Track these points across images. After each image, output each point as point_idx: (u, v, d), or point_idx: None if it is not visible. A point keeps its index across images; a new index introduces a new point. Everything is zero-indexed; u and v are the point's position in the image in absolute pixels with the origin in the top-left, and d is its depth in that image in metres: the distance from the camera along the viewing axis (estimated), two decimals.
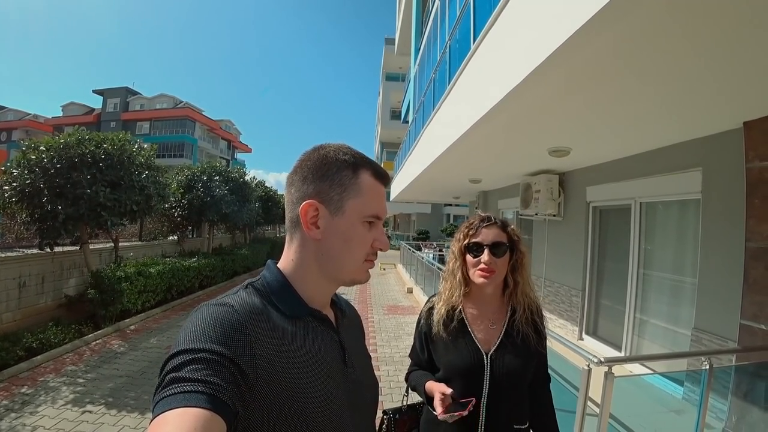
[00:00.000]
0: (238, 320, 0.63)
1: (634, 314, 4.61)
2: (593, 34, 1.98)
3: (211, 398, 0.51)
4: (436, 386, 1.27)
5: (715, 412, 2.90)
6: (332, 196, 0.73)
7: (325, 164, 0.75)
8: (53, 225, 5.44)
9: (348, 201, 0.74)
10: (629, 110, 3.16)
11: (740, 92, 2.62)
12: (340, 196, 0.73)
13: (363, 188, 0.75)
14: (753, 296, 2.97)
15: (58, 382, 4.29)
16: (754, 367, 2.82)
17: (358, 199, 0.74)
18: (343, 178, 0.74)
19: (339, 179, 0.74)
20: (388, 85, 28.70)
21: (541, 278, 6.79)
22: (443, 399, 1.19)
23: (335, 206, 0.73)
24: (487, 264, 1.32)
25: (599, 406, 2.13)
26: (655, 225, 4.55)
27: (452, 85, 5.07)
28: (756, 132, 3.02)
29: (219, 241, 13.18)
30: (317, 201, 0.73)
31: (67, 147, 5.53)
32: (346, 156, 0.76)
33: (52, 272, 6.16)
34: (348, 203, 0.74)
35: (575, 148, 4.52)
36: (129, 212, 6.21)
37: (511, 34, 3.06)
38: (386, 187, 0.80)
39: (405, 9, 16.68)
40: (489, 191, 10.05)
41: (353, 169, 0.75)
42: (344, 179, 0.74)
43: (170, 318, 7.22)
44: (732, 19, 1.78)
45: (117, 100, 42.42)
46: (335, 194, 0.73)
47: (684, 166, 3.87)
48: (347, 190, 0.74)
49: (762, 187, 2.95)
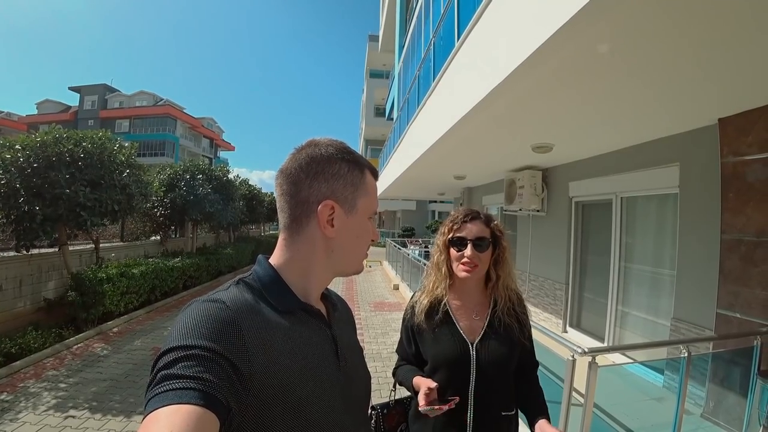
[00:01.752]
0: (229, 316, 0.63)
1: (616, 306, 4.74)
2: (576, 32, 2.03)
3: (204, 395, 0.51)
4: (423, 381, 1.29)
5: (693, 398, 3.01)
6: (346, 196, 0.76)
7: (335, 164, 0.77)
8: (30, 226, 5.28)
9: (360, 200, 0.78)
10: (610, 107, 3.23)
11: (715, 89, 2.72)
12: (353, 195, 0.77)
13: (369, 187, 0.80)
14: (728, 286, 3.09)
15: (39, 388, 4.17)
16: (729, 354, 2.94)
17: (367, 197, 0.79)
18: (354, 177, 0.78)
19: (351, 179, 0.77)
20: (372, 82, 28.59)
21: (526, 272, 6.90)
22: (428, 393, 1.21)
23: (350, 205, 0.77)
24: (470, 258, 1.36)
25: (584, 396, 2.19)
26: (635, 219, 4.68)
27: (437, 82, 5.10)
28: (730, 128, 3.13)
29: (203, 240, 12.99)
30: (333, 201, 0.75)
31: (44, 146, 5.36)
32: (350, 155, 0.79)
33: (30, 275, 5.98)
34: (360, 201, 0.78)
35: (558, 144, 4.61)
36: (110, 212, 6.06)
37: (495, 30, 3.09)
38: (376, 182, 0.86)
39: (389, 6, 16.67)
40: (474, 187, 10.15)
41: (360, 169, 0.79)
42: (355, 179, 0.78)
43: (154, 319, 7.10)
44: (709, 19, 1.84)
45: (95, 97, 41.17)
46: (349, 194, 0.76)
47: (662, 162, 3.98)
48: (359, 190, 0.78)
49: (736, 182, 3.07)
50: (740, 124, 3.04)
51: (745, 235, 2.97)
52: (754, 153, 2.93)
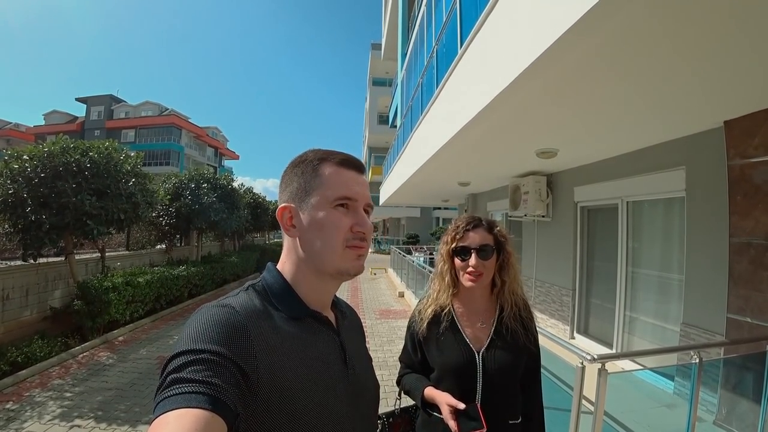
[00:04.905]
0: (239, 321, 0.63)
1: (624, 312, 4.68)
2: (579, 37, 2.03)
3: (212, 399, 0.52)
4: (441, 397, 1.27)
5: (705, 405, 2.96)
6: (300, 195, 0.77)
7: (289, 172, 0.80)
8: (37, 235, 5.32)
9: (312, 193, 0.76)
10: (614, 111, 3.22)
11: (720, 92, 2.70)
12: (306, 192, 0.76)
13: (324, 178, 0.76)
14: (738, 290, 3.05)
15: (44, 397, 4.17)
16: (741, 359, 2.89)
17: (321, 188, 0.76)
18: (306, 175, 0.77)
19: (303, 179, 0.77)
20: (375, 90, 28.78)
21: (532, 279, 6.85)
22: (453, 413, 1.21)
23: (304, 203, 0.76)
24: (475, 267, 1.35)
25: (593, 404, 2.15)
26: (641, 223, 4.64)
27: (440, 89, 5.12)
28: (736, 130, 3.11)
29: (208, 248, 13.02)
30: (288, 203, 0.77)
31: (51, 156, 5.42)
32: (310, 156, 0.79)
33: (36, 284, 6.00)
34: (312, 195, 0.76)
35: (562, 149, 4.60)
36: (116, 221, 6.09)
37: (497, 38, 3.10)
38: (357, 171, 0.80)
39: (391, 14, 16.80)
40: (478, 194, 10.13)
41: (314, 166, 0.77)
42: (307, 176, 0.77)
43: (160, 328, 7.10)
44: (712, 21, 1.84)
45: (101, 108, 41.68)
46: (302, 192, 0.76)
47: (668, 165, 3.96)
48: (310, 184, 0.76)
49: (744, 184, 3.04)
50: (746, 126, 3.02)
51: (754, 239, 2.94)
52: (761, 155, 2.91)
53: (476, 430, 1.17)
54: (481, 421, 1.17)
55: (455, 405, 1.21)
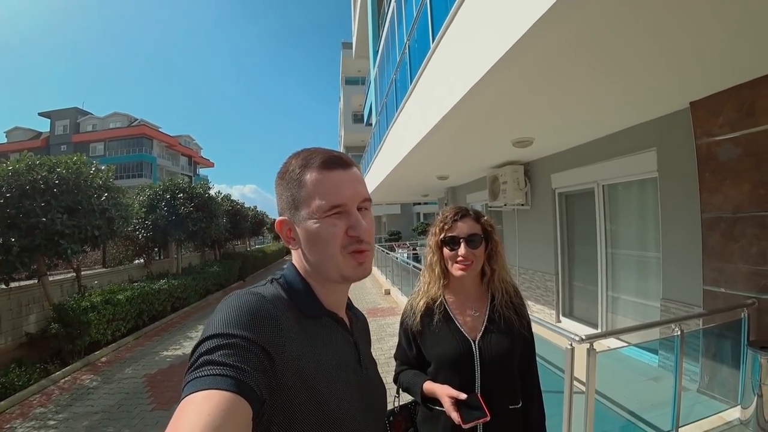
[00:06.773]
0: (269, 309, 0.66)
1: (607, 292, 4.82)
2: (550, 27, 2.07)
3: (239, 383, 0.53)
4: (440, 389, 1.27)
5: (688, 374, 3.07)
6: (292, 209, 0.75)
7: (280, 180, 0.78)
8: (7, 259, 5.08)
9: (301, 207, 0.73)
10: (586, 100, 3.31)
11: (685, 74, 2.80)
12: (295, 205, 0.74)
13: (309, 188, 0.73)
14: (712, 263, 3.18)
15: (26, 428, 4.00)
16: (719, 328, 3.02)
17: (309, 200, 0.73)
18: (292, 188, 0.75)
19: (290, 192, 0.75)
20: (348, 89, 28.65)
21: (515, 266, 6.96)
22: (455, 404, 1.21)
23: (296, 216, 0.74)
24: (465, 257, 1.36)
25: (584, 383, 2.21)
26: (618, 205, 4.78)
27: (414, 85, 5.14)
28: (701, 110, 3.23)
29: (188, 260, 12.73)
30: (285, 216, 0.77)
31: (16, 174, 5.18)
32: (292, 164, 0.76)
33: (9, 310, 5.75)
34: (302, 208, 0.73)
35: (538, 137, 4.68)
36: (90, 238, 5.88)
37: (469, 30, 3.13)
38: (343, 168, 0.75)
39: (360, 12, 16.74)
40: (457, 186, 10.23)
41: (297, 176, 0.74)
42: (293, 188, 0.74)
43: (144, 345, 6.90)
44: (668, 9, 1.91)
45: (66, 121, 40.08)
46: (293, 206, 0.75)
47: (640, 147, 4.08)
48: (297, 197, 0.74)
49: (711, 162, 3.17)
50: (711, 106, 3.14)
51: (724, 213, 3.07)
52: (726, 133, 3.03)
53: (480, 419, 1.18)
54: (484, 409, 1.18)
55: (456, 396, 1.22)
